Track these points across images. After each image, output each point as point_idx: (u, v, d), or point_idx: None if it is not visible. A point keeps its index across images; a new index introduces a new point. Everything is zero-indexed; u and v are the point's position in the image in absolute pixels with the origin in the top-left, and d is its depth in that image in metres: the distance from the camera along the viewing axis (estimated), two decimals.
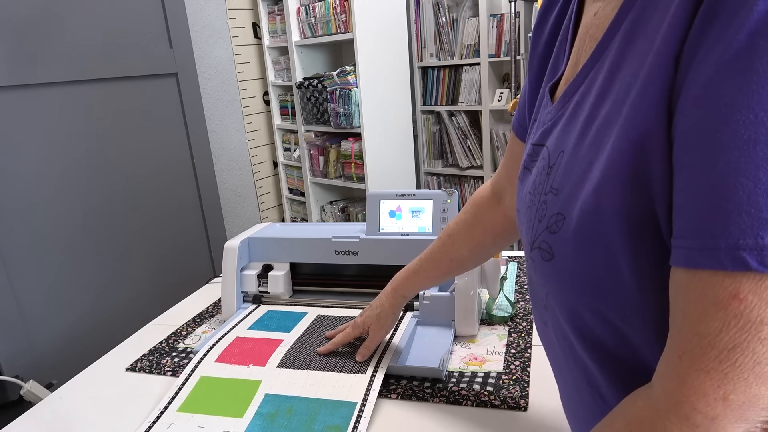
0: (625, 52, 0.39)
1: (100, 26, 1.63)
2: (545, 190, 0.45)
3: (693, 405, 0.33)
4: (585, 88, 0.44)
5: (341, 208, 3.01)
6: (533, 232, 0.46)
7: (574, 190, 0.41)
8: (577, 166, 0.41)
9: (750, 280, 0.30)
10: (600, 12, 0.45)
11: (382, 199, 1.06)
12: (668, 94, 0.34)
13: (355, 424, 0.73)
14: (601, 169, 0.38)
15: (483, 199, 0.74)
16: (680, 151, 0.33)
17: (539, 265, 0.46)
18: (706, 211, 0.31)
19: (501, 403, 0.76)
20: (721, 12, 0.31)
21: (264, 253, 1.12)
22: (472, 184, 3.16)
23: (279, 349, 0.91)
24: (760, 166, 0.29)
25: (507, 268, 1.21)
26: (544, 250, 0.44)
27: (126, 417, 0.82)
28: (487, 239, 0.74)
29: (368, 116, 2.57)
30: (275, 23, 2.90)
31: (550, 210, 0.44)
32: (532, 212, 0.47)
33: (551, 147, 0.47)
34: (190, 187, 1.96)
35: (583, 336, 0.44)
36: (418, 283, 0.81)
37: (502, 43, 2.79)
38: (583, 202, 0.40)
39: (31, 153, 1.50)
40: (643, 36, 0.38)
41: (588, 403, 0.48)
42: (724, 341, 0.31)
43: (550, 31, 0.56)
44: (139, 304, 1.77)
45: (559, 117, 0.47)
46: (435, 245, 0.78)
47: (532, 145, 0.52)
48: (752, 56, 0.29)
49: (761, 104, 0.29)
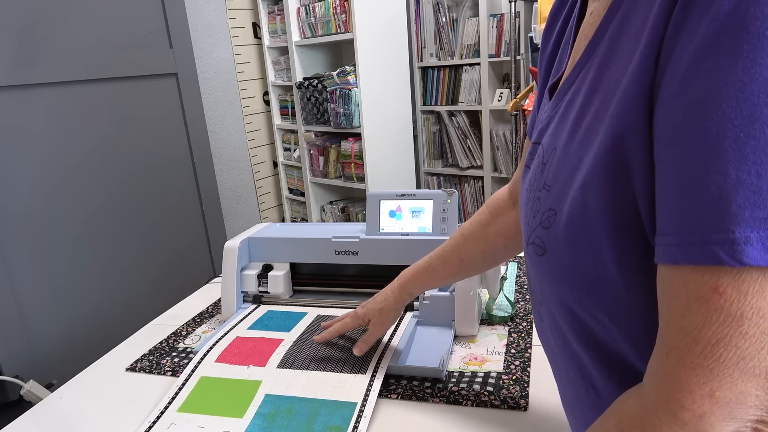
0: (612, 51, 0.40)
1: (100, 26, 1.63)
2: (539, 186, 0.46)
3: (680, 402, 0.33)
4: (576, 87, 0.44)
5: (341, 208, 3.01)
6: (529, 228, 0.47)
7: (564, 186, 0.42)
8: (568, 163, 0.42)
9: (728, 274, 0.30)
10: (594, 11, 0.46)
11: (382, 199, 1.06)
12: (649, 92, 0.35)
13: (355, 424, 0.73)
14: (587, 166, 0.39)
15: (500, 201, 0.74)
16: (659, 148, 0.34)
17: (534, 260, 0.46)
18: (682, 207, 0.32)
19: (501, 403, 0.76)
20: (693, 10, 0.32)
21: (264, 253, 1.12)
22: (472, 184, 3.16)
23: (279, 349, 0.91)
24: (729, 161, 0.30)
25: (507, 268, 1.21)
26: (538, 245, 0.45)
27: (126, 417, 0.82)
28: (500, 241, 0.74)
29: (368, 116, 2.57)
30: (275, 23, 2.90)
31: (543, 206, 0.44)
32: (529, 208, 0.48)
33: (546, 145, 0.48)
34: (190, 187, 1.96)
35: (576, 331, 0.45)
36: (427, 281, 0.81)
37: (502, 43, 2.79)
38: (572, 198, 0.40)
39: (31, 153, 1.50)
40: (629, 35, 0.38)
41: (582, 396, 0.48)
42: (707, 336, 0.31)
43: (558, 32, 0.56)
44: (139, 304, 1.77)
45: (554, 115, 0.48)
46: (447, 244, 0.78)
47: (532, 143, 0.53)
48: (718, 54, 0.30)
49: (728, 101, 0.30)
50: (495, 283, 0.97)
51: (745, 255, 0.29)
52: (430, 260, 0.80)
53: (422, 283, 0.81)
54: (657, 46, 0.34)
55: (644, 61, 0.35)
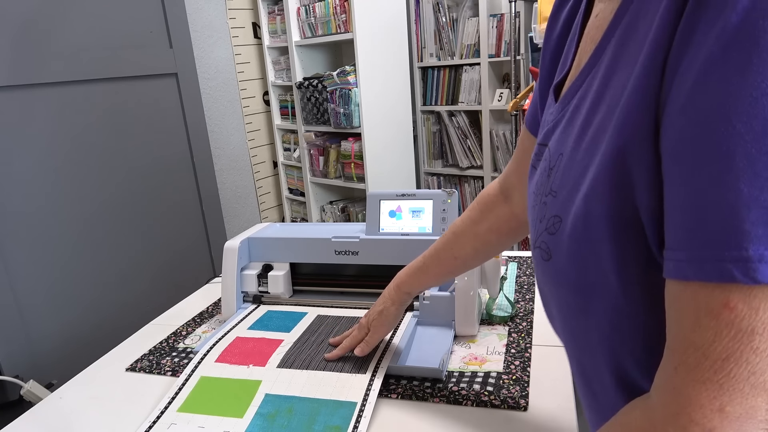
0: (619, 57, 0.40)
1: (100, 26, 1.63)
2: (545, 191, 0.46)
3: (690, 417, 0.33)
4: (583, 92, 0.44)
5: (341, 208, 3.01)
6: (536, 232, 0.47)
7: (570, 193, 0.42)
8: (574, 171, 0.42)
9: (739, 290, 0.30)
10: (600, 14, 0.45)
11: (382, 199, 1.06)
12: (653, 104, 0.34)
13: (355, 424, 0.73)
14: (592, 174, 0.39)
15: (490, 196, 0.74)
16: (667, 163, 0.33)
17: (540, 264, 0.46)
18: (692, 223, 0.31)
19: (501, 403, 0.76)
20: (700, 23, 0.31)
21: (264, 253, 1.12)
22: (472, 184, 3.16)
23: (279, 349, 0.91)
24: (740, 177, 0.29)
25: (507, 268, 1.21)
26: (543, 250, 0.45)
27: (126, 417, 0.82)
28: (492, 237, 0.74)
29: (368, 116, 2.57)
30: (275, 23, 2.90)
31: (549, 212, 0.44)
32: (535, 212, 0.48)
33: (552, 148, 0.47)
34: (190, 187, 1.96)
35: (575, 335, 0.45)
36: (422, 281, 0.81)
37: (502, 43, 2.79)
38: (577, 206, 0.40)
39: (31, 153, 1.50)
40: (635, 41, 0.38)
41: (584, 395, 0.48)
42: (718, 351, 0.31)
43: (561, 27, 0.56)
44: (139, 304, 1.77)
45: (560, 119, 0.47)
46: (439, 243, 0.78)
47: (538, 144, 0.52)
48: (727, 68, 0.29)
49: (738, 116, 0.29)
50: (495, 283, 0.97)
51: (759, 273, 0.29)
52: (423, 260, 0.80)
53: (418, 283, 0.81)
54: (661, 58, 0.34)
55: (649, 69, 0.34)
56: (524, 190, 0.69)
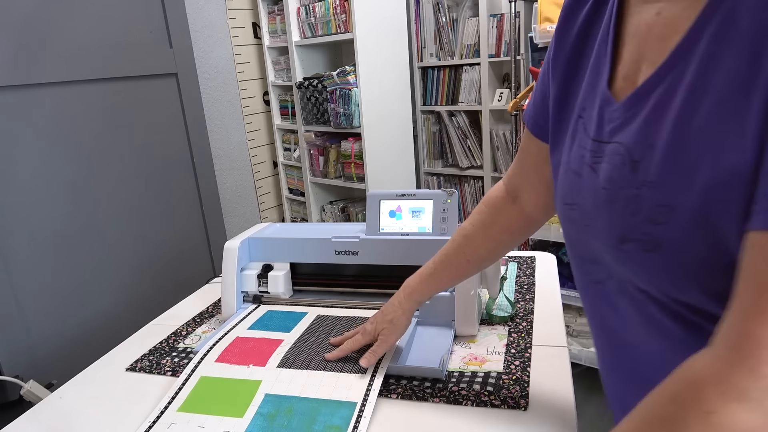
0: (715, 53, 0.41)
1: (100, 26, 1.63)
2: (635, 184, 0.46)
3: (758, 357, 0.35)
4: (668, 86, 0.44)
5: (341, 208, 3.01)
6: (623, 225, 0.47)
7: (683, 182, 0.42)
8: (684, 161, 0.42)
9: None
10: (664, 12, 0.46)
11: (382, 199, 1.06)
12: None
13: (355, 424, 0.73)
14: (718, 165, 0.40)
15: (497, 199, 0.75)
16: None
17: (635, 257, 0.47)
18: None
19: (501, 403, 0.76)
20: None
21: (264, 253, 1.12)
22: (472, 184, 3.16)
23: (279, 349, 0.91)
24: None
25: (507, 268, 1.21)
26: (645, 241, 0.45)
27: (126, 417, 0.82)
28: (505, 237, 0.75)
29: (368, 116, 2.57)
30: (275, 23, 2.90)
31: (650, 202, 0.45)
32: (617, 206, 0.48)
33: (630, 143, 0.47)
34: (190, 187, 1.96)
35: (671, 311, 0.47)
36: (434, 286, 0.81)
37: (502, 43, 2.78)
38: (698, 194, 0.41)
39: (31, 153, 1.50)
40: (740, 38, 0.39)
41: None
42: None
43: (580, 27, 0.56)
44: (139, 304, 1.77)
45: (634, 114, 0.47)
46: (449, 247, 0.78)
47: (595, 141, 0.52)
48: None
49: None
50: (495, 283, 0.97)
51: None
52: (434, 265, 0.80)
53: (429, 289, 0.81)
54: None
55: None
56: (532, 189, 0.70)
